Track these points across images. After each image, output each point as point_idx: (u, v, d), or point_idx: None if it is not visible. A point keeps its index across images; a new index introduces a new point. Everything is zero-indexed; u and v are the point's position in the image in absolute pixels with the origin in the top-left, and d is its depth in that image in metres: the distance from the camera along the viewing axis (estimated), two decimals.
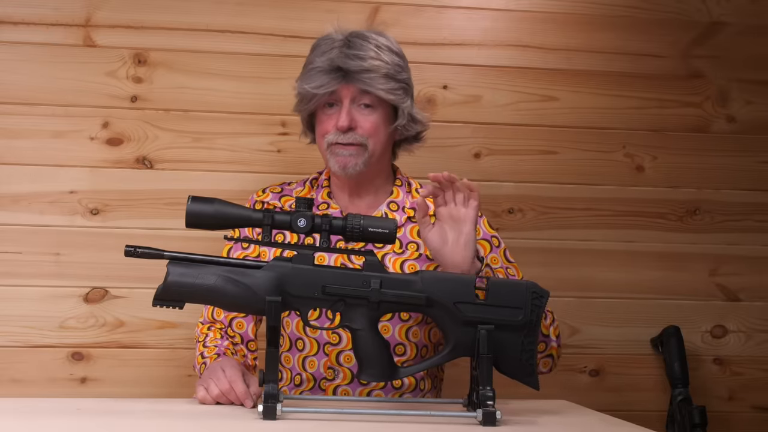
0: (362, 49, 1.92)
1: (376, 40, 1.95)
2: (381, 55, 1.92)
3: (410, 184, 2.07)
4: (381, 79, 1.91)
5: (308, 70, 1.95)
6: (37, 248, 2.39)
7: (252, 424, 1.59)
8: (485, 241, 2.00)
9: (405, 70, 1.98)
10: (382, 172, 2.04)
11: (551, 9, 2.60)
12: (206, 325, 2.01)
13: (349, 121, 1.92)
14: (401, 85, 1.95)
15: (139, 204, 2.43)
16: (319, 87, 1.92)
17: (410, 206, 2.02)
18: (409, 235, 1.99)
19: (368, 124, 1.94)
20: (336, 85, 1.92)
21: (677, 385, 2.54)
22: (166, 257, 1.63)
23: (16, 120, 2.40)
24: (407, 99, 1.97)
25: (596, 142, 2.61)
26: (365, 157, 1.94)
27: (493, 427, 1.61)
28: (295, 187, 2.08)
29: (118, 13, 2.43)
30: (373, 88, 1.91)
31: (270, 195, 2.06)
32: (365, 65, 1.90)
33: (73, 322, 2.41)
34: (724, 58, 2.66)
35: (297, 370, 1.96)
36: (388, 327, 1.92)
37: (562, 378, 2.57)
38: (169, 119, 2.45)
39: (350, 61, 1.90)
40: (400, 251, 1.97)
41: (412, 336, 1.95)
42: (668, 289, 2.63)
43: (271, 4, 2.48)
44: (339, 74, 1.91)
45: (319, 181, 2.07)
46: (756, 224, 2.67)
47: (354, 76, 1.91)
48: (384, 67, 1.92)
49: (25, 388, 2.37)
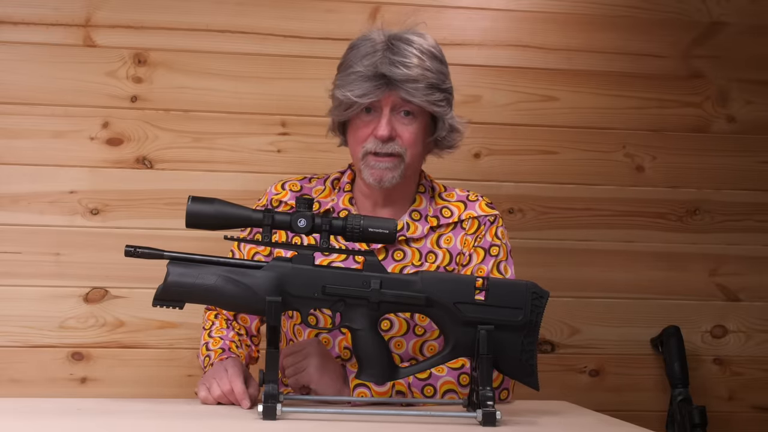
0: (406, 56, 1.82)
1: (419, 44, 1.85)
2: (425, 62, 1.83)
3: (434, 189, 1.98)
4: (425, 90, 1.82)
5: (348, 74, 1.84)
6: (37, 248, 2.39)
7: (252, 424, 1.59)
8: (481, 249, 1.93)
9: (448, 78, 1.89)
10: (413, 181, 1.96)
11: (551, 9, 2.60)
12: (213, 312, 1.98)
13: (390, 131, 1.84)
14: (445, 95, 1.87)
15: (139, 204, 2.43)
16: (363, 96, 1.81)
17: (433, 214, 1.94)
18: (429, 245, 1.91)
19: (408, 134, 1.85)
20: (379, 95, 1.82)
21: (677, 385, 2.54)
22: (166, 257, 1.63)
23: (16, 120, 2.40)
24: (449, 109, 1.89)
25: (596, 142, 2.61)
26: (401, 169, 1.86)
27: (493, 427, 1.61)
28: (315, 185, 1.98)
29: (118, 13, 2.43)
30: (418, 98, 1.82)
31: (288, 194, 1.97)
32: (411, 74, 1.81)
33: (73, 322, 2.41)
34: (724, 58, 2.66)
35: None
36: (402, 342, 1.88)
37: (562, 378, 2.57)
38: (169, 119, 2.45)
39: (395, 68, 1.80)
40: (419, 263, 1.90)
41: (427, 351, 1.89)
42: (668, 289, 2.63)
43: (271, 4, 2.48)
44: (382, 82, 1.81)
45: (341, 183, 1.98)
46: (756, 224, 2.67)
47: (398, 85, 1.81)
48: (429, 76, 1.83)
49: (25, 388, 2.37)
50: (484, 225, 1.94)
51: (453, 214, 1.94)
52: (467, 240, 1.93)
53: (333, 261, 1.89)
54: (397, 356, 1.86)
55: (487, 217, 1.95)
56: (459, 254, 1.92)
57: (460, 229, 1.94)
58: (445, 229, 1.93)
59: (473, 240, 1.93)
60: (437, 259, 1.91)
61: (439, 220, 1.93)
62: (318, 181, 2.00)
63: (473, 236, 1.93)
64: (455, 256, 1.91)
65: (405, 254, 1.90)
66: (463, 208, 1.95)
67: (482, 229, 1.94)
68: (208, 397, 1.75)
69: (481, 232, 1.93)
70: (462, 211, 1.94)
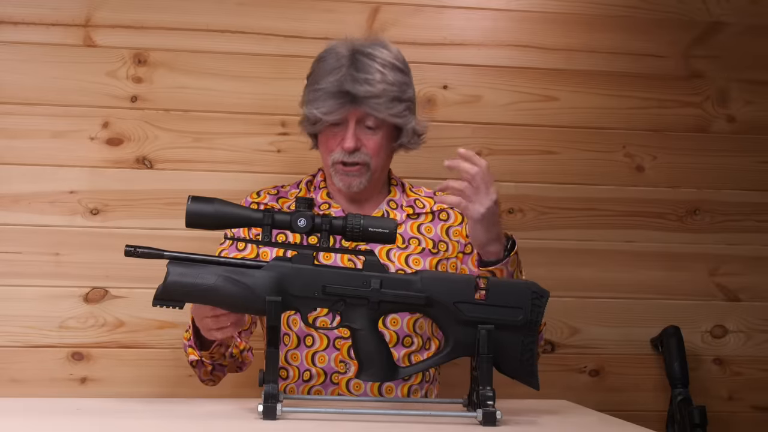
0: (369, 72, 1.93)
1: (381, 57, 1.96)
2: (387, 76, 1.94)
3: (404, 185, 2.13)
4: (388, 103, 1.95)
5: (314, 90, 1.97)
6: (37, 248, 2.39)
7: (252, 424, 1.59)
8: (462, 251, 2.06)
9: (410, 86, 2.01)
10: (381, 182, 2.09)
11: (551, 9, 2.60)
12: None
13: (355, 143, 1.96)
14: (406, 104, 1.99)
15: (139, 204, 2.43)
16: (328, 114, 1.94)
17: (407, 204, 2.07)
18: (410, 231, 2.05)
19: (373, 143, 1.98)
20: (344, 112, 1.95)
21: (677, 385, 2.54)
22: (166, 257, 1.63)
23: (16, 120, 2.39)
24: (412, 118, 2.02)
25: (596, 142, 2.61)
26: (368, 175, 2.00)
27: (493, 427, 1.61)
28: (290, 189, 2.11)
29: (118, 13, 2.43)
30: (381, 113, 1.95)
31: (267, 197, 2.08)
32: (374, 90, 1.93)
33: (73, 322, 2.41)
34: (724, 58, 2.66)
35: (306, 366, 1.97)
36: (397, 320, 1.96)
37: (562, 378, 2.57)
38: (169, 119, 2.45)
39: (358, 86, 1.92)
40: (403, 246, 2.01)
41: (419, 328, 1.98)
42: (668, 289, 2.63)
43: (271, 4, 2.48)
44: (347, 99, 1.93)
45: (315, 182, 2.11)
46: (756, 224, 2.67)
47: (362, 101, 1.93)
48: (391, 90, 1.95)
49: (25, 388, 2.37)
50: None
51: (425, 206, 2.08)
52: (457, 230, 2.07)
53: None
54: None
55: None
56: (440, 242, 2.05)
57: (438, 219, 2.07)
58: (424, 218, 2.06)
59: (463, 228, 2.06)
60: (420, 243, 2.03)
61: (414, 209, 2.07)
62: (291, 186, 2.13)
63: (462, 226, 2.07)
64: (437, 242, 2.04)
65: None
66: (433, 202, 2.09)
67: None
68: (224, 322, 1.73)
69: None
70: (433, 204, 2.09)
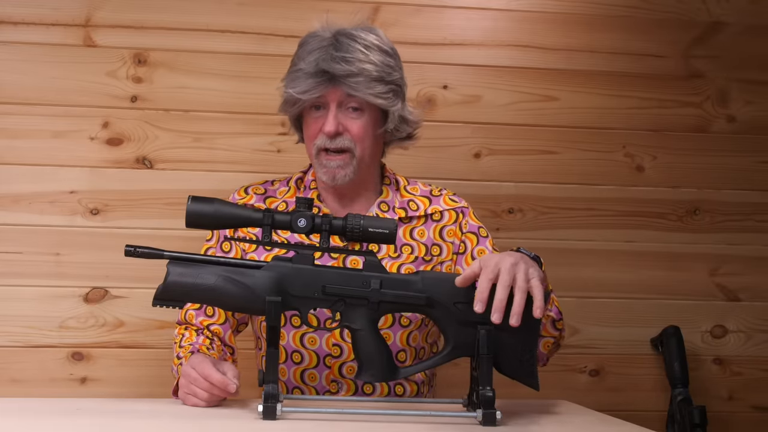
0: (349, 51, 1.84)
1: (364, 39, 1.87)
2: (369, 56, 1.85)
3: (398, 182, 2.01)
4: (369, 83, 1.84)
5: (293, 72, 1.88)
6: (37, 248, 2.39)
7: (252, 424, 1.59)
8: (472, 234, 1.98)
9: (396, 70, 1.90)
10: (372, 176, 1.98)
11: (551, 9, 2.60)
12: (183, 326, 1.94)
13: (336, 126, 1.86)
14: (391, 87, 1.88)
15: (139, 204, 2.43)
16: (304, 92, 1.84)
17: (400, 206, 1.97)
18: (402, 238, 1.94)
19: (356, 128, 1.87)
20: (322, 91, 1.85)
21: (677, 385, 2.54)
22: (166, 257, 1.63)
23: (16, 120, 2.40)
24: (397, 101, 1.90)
25: (596, 142, 2.61)
26: (353, 165, 1.89)
27: (493, 427, 1.61)
28: (279, 187, 2.00)
29: (118, 13, 2.43)
30: (361, 92, 1.84)
31: (254, 197, 1.98)
32: (352, 69, 1.83)
33: (73, 322, 2.41)
34: (724, 58, 2.66)
35: (294, 383, 1.91)
36: (390, 335, 1.89)
37: (562, 378, 2.57)
38: (169, 119, 2.45)
39: (336, 64, 1.82)
40: (395, 255, 1.93)
41: (412, 341, 1.92)
42: (668, 289, 2.63)
43: (271, 4, 2.48)
44: (325, 78, 1.84)
45: (306, 181, 2.00)
46: (756, 224, 2.67)
47: (340, 80, 1.83)
48: (373, 70, 1.84)
49: (25, 388, 2.37)
50: (462, 213, 2.00)
51: (419, 208, 1.98)
52: (451, 230, 1.97)
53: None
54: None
55: (461, 207, 2.01)
56: (434, 245, 1.96)
57: (431, 221, 1.97)
58: (417, 222, 1.96)
59: (457, 228, 1.98)
60: (413, 250, 1.94)
61: (407, 212, 1.96)
62: (281, 182, 2.02)
63: (456, 225, 1.98)
64: (430, 247, 1.95)
65: (380, 248, 1.92)
66: (428, 203, 1.99)
67: (461, 217, 1.99)
68: (199, 402, 1.71)
69: (462, 219, 1.99)
70: (428, 206, 1.98)
